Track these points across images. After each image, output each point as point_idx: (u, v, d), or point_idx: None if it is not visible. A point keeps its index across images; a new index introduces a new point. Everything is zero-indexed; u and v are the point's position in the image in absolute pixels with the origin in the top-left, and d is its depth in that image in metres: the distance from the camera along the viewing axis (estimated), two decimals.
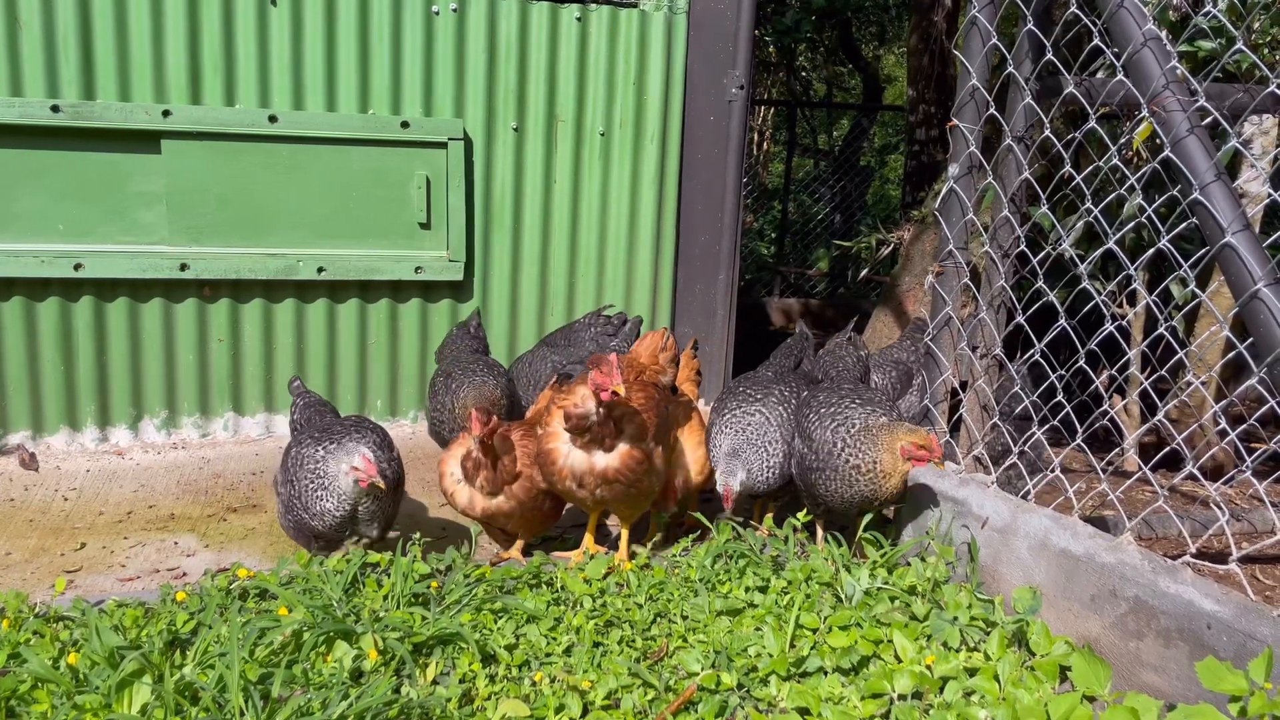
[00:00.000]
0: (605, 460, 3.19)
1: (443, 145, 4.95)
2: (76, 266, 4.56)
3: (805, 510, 3.50)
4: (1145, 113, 2.80)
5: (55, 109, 4.39)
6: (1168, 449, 3.09)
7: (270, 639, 2.50)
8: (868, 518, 3.40)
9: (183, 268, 4.70)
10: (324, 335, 5.07)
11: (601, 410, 3.10)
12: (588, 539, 3.59)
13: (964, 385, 3.63)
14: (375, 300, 5.11)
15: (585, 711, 2.39)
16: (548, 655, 2.68)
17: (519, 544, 3.59)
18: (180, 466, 4.72)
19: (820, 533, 3.64)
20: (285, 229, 4.86)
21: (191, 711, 2.21)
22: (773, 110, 14.82)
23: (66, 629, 2.73)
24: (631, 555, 3.44)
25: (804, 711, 2.35)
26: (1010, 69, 3.31)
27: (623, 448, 3.19)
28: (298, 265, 4.87)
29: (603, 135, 5.18)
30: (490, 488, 3.26)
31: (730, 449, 3.52)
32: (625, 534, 3.50)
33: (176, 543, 3.91)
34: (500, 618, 2.85)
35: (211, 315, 4.88)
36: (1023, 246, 3.36)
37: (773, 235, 12.27)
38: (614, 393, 3.01)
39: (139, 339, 4.80)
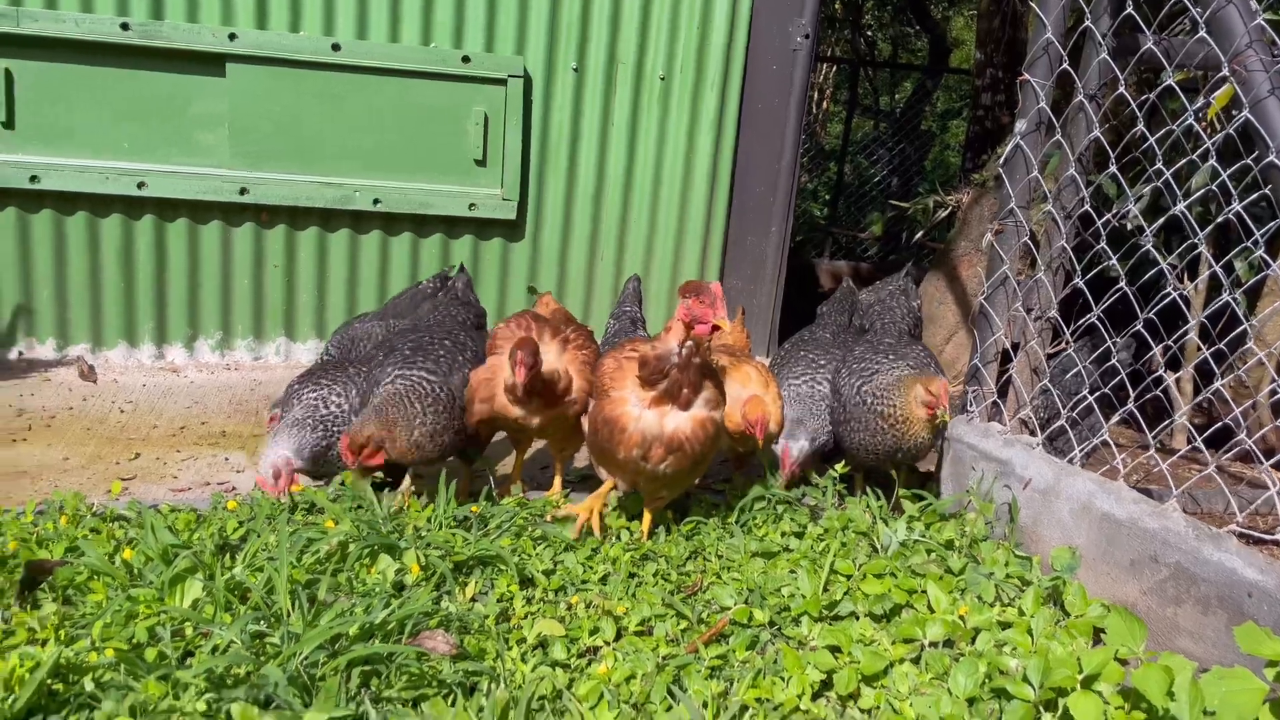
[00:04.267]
0: (676, 423, 2.80)
1: (502, 82, 4.95)
2: (139, 185, 4.64)
3: (844, 463, 3.51)
4: (1225, 72, 2.71)
5: (124, 27, 4.45)
6: (1219, 425, 3.03)
7: (317, 548, 2.57)
8: (904, 475, 3.39)
9: (242, 192, 4.77)
10: (376, 266, 5.13)
11: (686, 351, 2.71)
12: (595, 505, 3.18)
13: (1015, 347, 3.58)
14: (429, 235, 5.15)
15: (619, 635, 2.43)
16: (584, 582, 2.73)
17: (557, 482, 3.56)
18: (232, 387, 4.83)
19: (860, 485, 3.64)
20: (343, 159, 4.90)
21: (240, 609, 2.28)
22: (834, 69, 14.56)
23: (121, 529, 2.83)
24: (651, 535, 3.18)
25: (835, 650, 2.37)
26: (1088, 23, 3.22)
27: (698, 413, 2.82)
28: (354, 195, 4.91)
29: (663, 79, 5.14)
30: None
31: (795, 416, 3.53)
32: (648, 517, 3.16)
33: (227, 458, 4.01)
34: (539, 545, 2.90)
35: (268, 241, 4.96)
36: (1087, 206, 3.29)
37: (826, 197, 12.11)
38: (715, 327, 2.62)
39: (197, 260, 4.89)
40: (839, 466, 3.45)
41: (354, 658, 2.00)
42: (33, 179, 4.53)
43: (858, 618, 2.59)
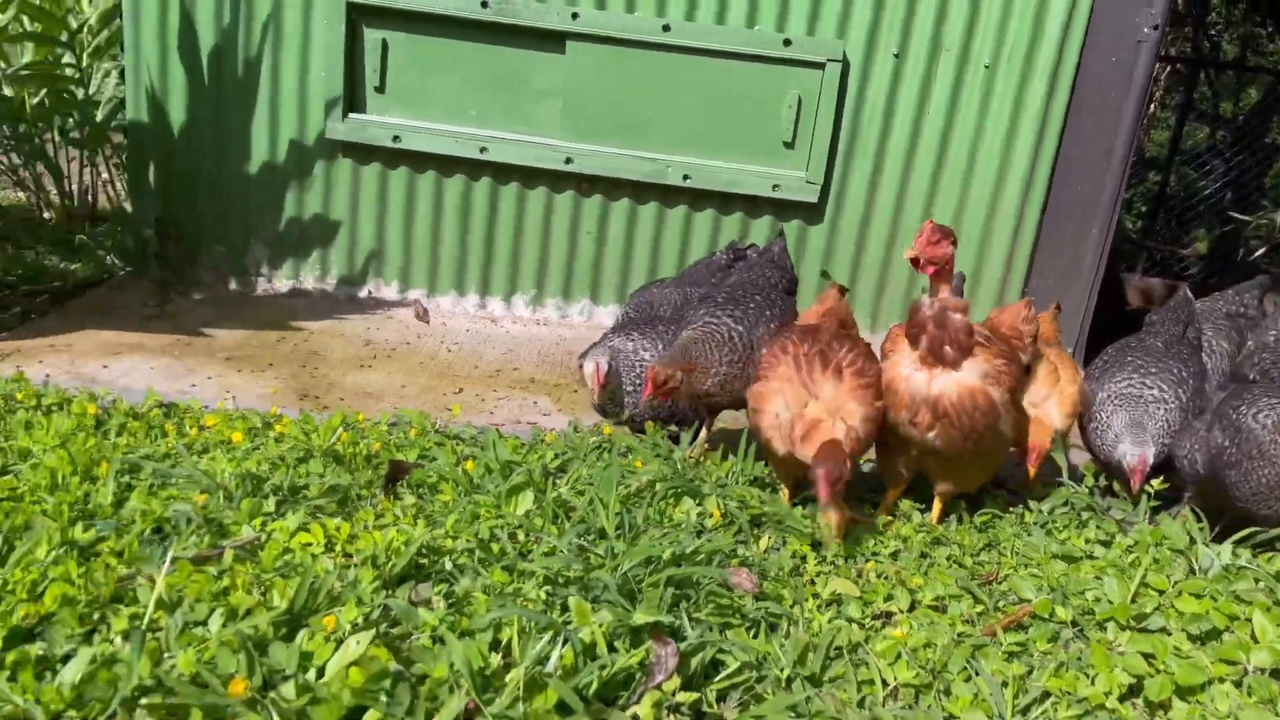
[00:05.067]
0: (942, 385, 2.80)
1: (820, 66, 4.99)
2: (481, 150, 5.13)
3: (1162, 478, 3.27)
4: None
5: (484, 4, 4.91)
6: None
7: (628, 483, 2.78)
8: None
9: (567, 161, 5.14)
10: (679, 240, 5.35)
11: (938, 304, 2.77)
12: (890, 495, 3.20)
13: None
14: (730, 213, 5.30)
15: (913, 607, 2.45)
16: (874, 554, 2.76)
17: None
18: (540, 340, 5.24)
19: (1183, 505, 3.38)
20: (659, 135, 5.15)
21: (565, 524, 2.52)
22: (1166, 70, 13.34)
23: (459, 445, 3.19)
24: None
25: (1147, 657, 2.25)
26: None
27: (966, 379, 2.79)
28: (666, 170, 5.16)
29: (987, 68, 4.98)
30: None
31: (1133, 420, 3.30)
32: (938, 506, 3.15)
33: (535, 402, 4.37)
34: None
35: (585, 209, 5.31)
36: None
37: (1142, 208, 11.15)
38: (943, 247, 2.75)
39: (522, 222, 5.34)
40: (1155, 482, 3.24)
41: (670, 575, 2.16)
42: (395, 139, 5.13)
43: (1169, 633, 2.44)
